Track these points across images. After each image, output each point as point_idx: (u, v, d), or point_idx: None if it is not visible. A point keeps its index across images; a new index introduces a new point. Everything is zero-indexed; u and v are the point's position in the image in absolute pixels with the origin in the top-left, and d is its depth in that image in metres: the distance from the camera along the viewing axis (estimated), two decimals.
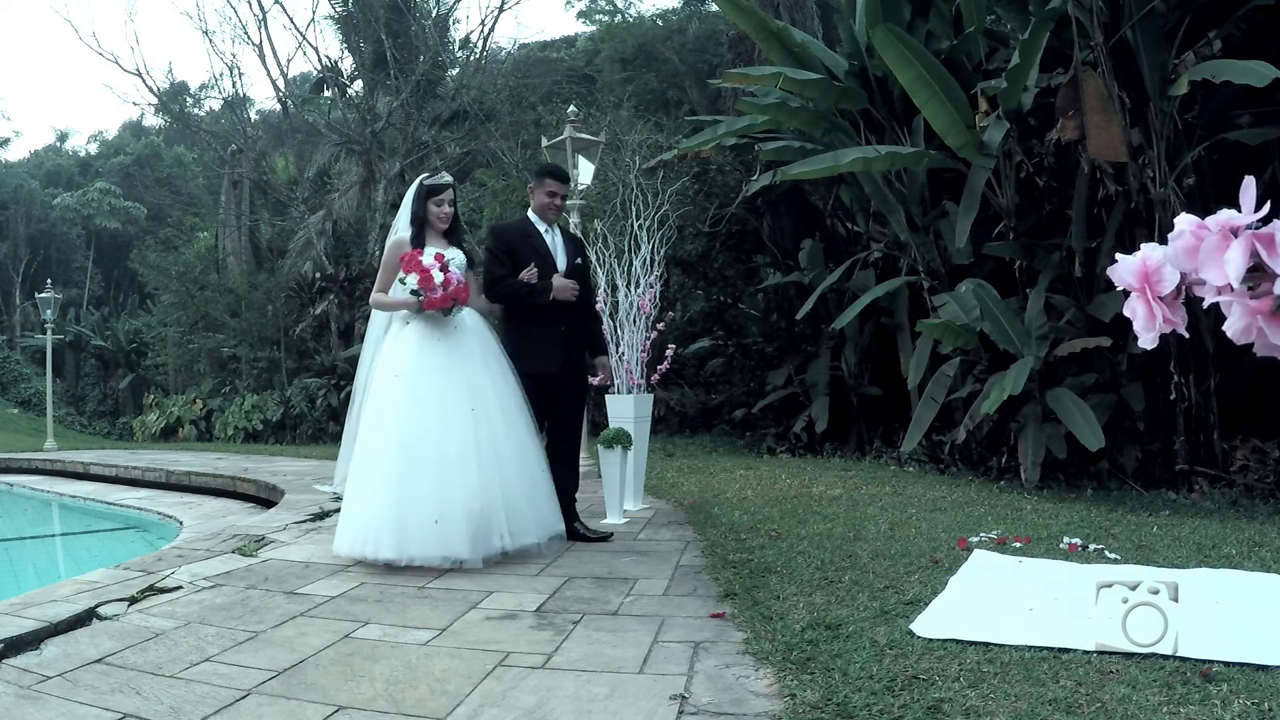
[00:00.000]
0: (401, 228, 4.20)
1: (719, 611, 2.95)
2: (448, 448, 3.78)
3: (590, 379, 4.85)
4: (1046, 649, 2.41)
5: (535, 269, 4.28)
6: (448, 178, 4.27)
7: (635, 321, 5.49)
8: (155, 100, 23.90)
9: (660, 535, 4.52)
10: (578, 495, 4.57)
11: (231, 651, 2.59)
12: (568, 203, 7.69)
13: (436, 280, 3.86)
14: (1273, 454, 5.62)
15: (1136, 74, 5.89)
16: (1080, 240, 6.31)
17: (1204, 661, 2.25)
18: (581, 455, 7.43)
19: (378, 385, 3.97)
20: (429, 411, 3.81)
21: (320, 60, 21.82)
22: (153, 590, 3.31)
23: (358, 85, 21.39)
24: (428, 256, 3.92)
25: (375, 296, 4.20)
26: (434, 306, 3.90)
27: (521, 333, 4.36)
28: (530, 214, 4.53)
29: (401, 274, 3.99)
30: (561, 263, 4.44)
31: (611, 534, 4.46)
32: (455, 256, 4.07)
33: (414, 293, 3.90)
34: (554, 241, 4.48)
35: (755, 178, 9.02)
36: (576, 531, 4.38)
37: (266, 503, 7.06)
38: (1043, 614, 2.73)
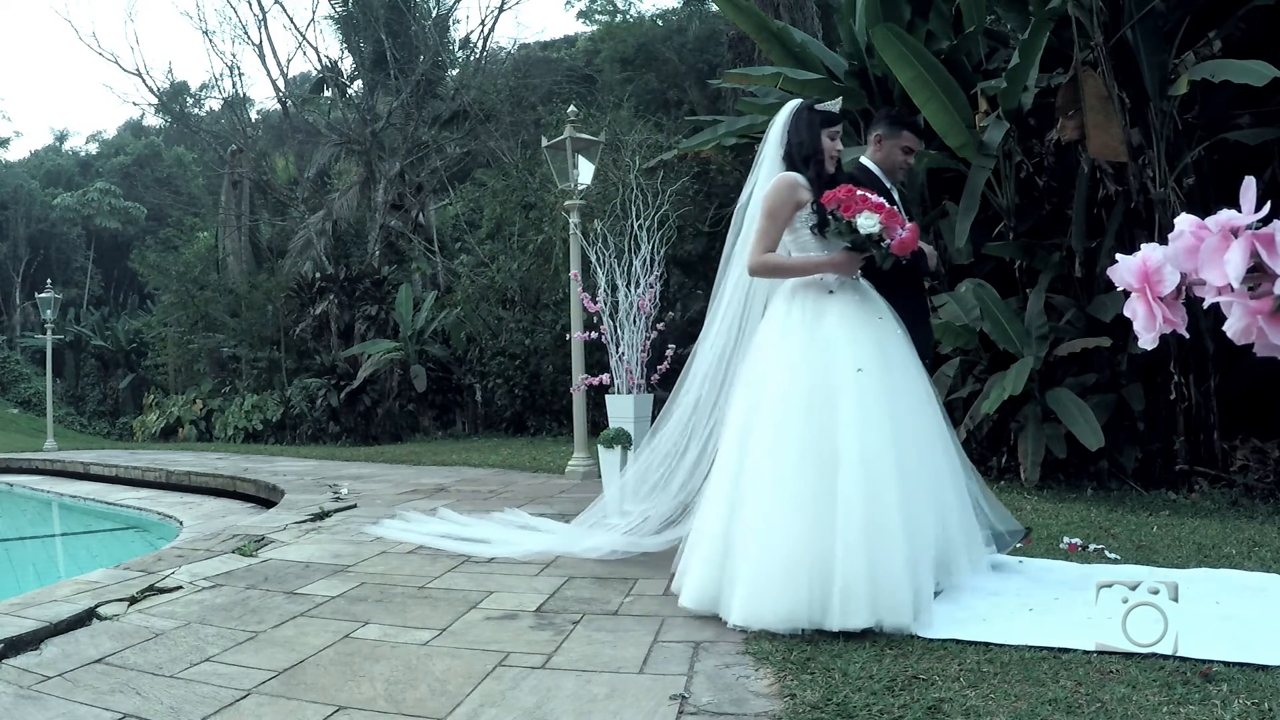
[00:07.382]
0: (781, 166, 3.20)
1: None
2: (923, 459, 2.91)
3: None
4: (1046, 649, 2.42)
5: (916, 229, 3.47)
6: (839, 104, 3.40)
7: (635, 321, 5.49)
8: (155, 100, 23.95)
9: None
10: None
11: (231, 651, 2.59)
12: (567, 203, 7.72)
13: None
14: (1273, 454, 5.62)
15: (1136, 74, 5.89)
16: (1080, 240, 6.31)
17: (1204, 661, 2.25)
18: (582, 455, 7.52)
19: (809, 382, 2.88)
20: (900, 412, 2.88)
21: (320, 60, 21.86)
22: (153, 590, 3.31)
23: (358, 85, 21.39)
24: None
25: (764, 259, 3.08)
26: (906, 250, 2.97)
27: (898, 311, 3.33)
28: (870, 165, 3.68)
29: (837, 216, 2.94)
30: None
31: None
32: None
33: (868, 240, 2.91)
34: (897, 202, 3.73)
35: None
36: None
37: (266, 503, 7.06)
38: (1043, 614, 2.73)
